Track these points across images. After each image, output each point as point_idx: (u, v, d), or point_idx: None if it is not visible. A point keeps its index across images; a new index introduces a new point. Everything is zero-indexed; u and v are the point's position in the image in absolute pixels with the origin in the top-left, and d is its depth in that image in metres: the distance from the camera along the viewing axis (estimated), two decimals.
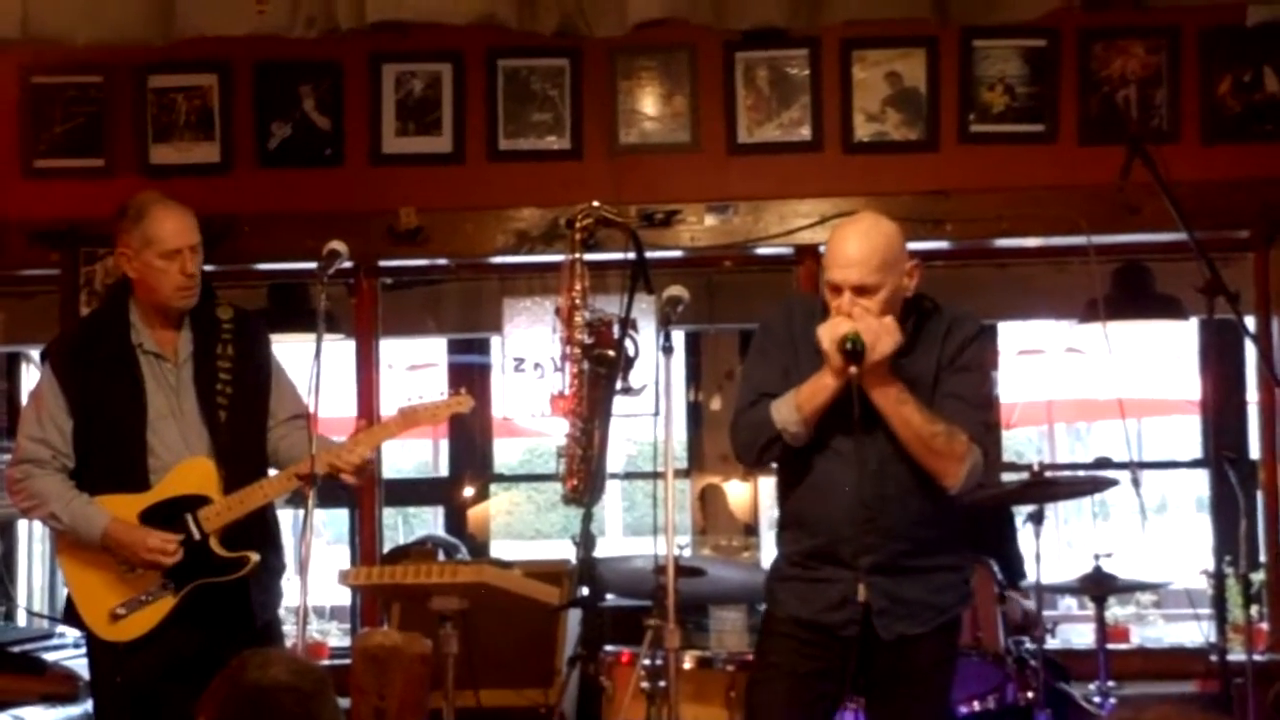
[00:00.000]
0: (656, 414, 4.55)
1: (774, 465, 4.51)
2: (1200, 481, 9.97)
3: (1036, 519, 5.78)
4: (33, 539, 8.08)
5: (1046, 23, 6.50)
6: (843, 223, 4.46)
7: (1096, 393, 11.65)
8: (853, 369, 4.08)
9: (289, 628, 5.18)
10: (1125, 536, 9.38)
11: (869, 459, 4.16)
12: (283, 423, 4.83)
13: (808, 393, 4.22)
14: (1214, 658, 5.89)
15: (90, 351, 4.79)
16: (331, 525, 10.37)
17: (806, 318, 4.36)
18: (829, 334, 4.15)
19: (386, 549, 7.15)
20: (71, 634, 5.92)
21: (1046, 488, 5.92)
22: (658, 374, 4.54)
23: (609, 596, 5.22)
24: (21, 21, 6.18)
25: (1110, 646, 6.04)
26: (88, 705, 5.49)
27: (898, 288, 4.24)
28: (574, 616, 5.88)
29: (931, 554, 4.32)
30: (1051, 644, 6.12)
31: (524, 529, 18.13)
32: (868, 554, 4.19)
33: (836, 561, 4.26)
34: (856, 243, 4.22)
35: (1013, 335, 10.15)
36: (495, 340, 7.73)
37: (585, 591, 4.66)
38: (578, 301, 4.89)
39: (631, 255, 4.82)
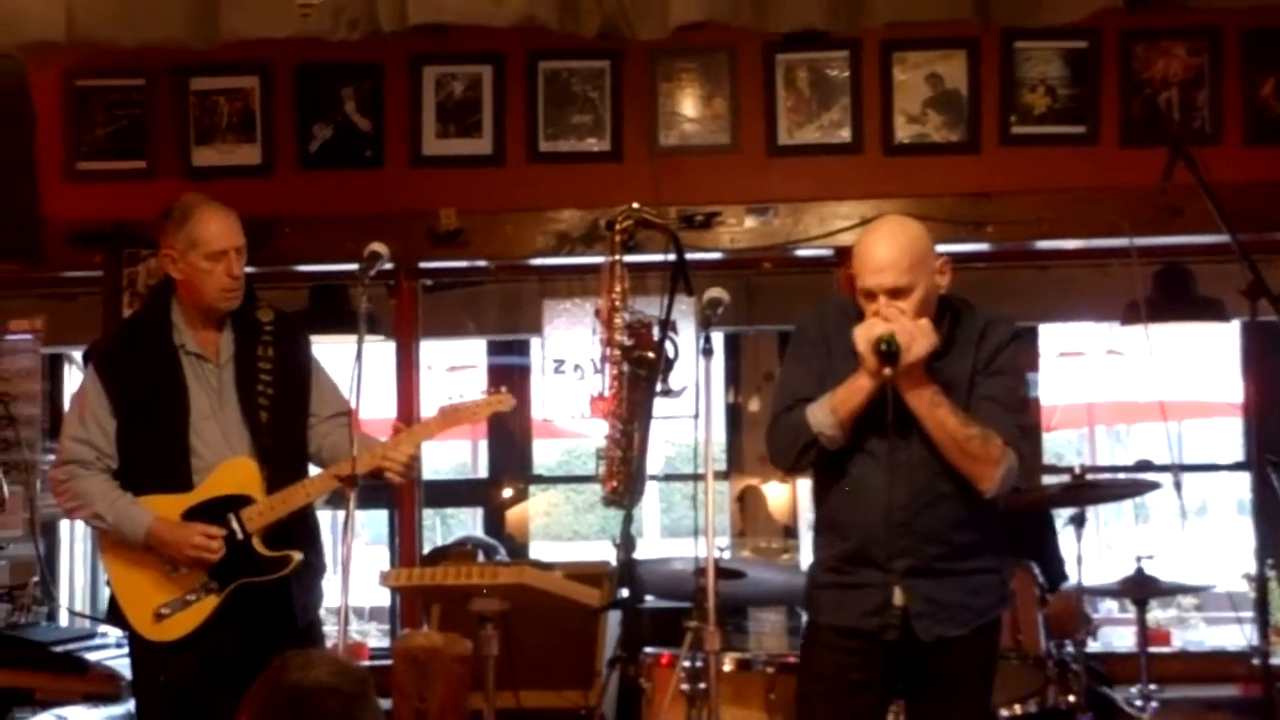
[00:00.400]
0: (696, 416, 4.54)
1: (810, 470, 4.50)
2: (1242, 484, 9.93)
3: (1078, 522, 5.76)
4: (75, 539, 8.12)
5: (1088, 24, 6.48)
6: (867, 229, 4.45)
7: (1137, 395, 11.59)
8: (888, 370, 4.07)
9: (330, 628, 5.19)
10: (1166, 539, 9.34)
11: (904, 462, 4.15)
12: (325, 420, 4.84)
13: (843, 395, 4.21)
14: (1256, 661, 5.86)
15: (133, 352, 4.80)
16: (370, 526, 10.39)
17: (840, 320, 4.35)
18: (864, 335, 4.14)
19: (425, 550, 7.17)
20: (113, 634, 5.94)
21: (1087, 490, 5.90)
22: (697, 376, 4.54)
23: (649, 598, 5.22)
24: (66, 25, 6.22)
25: (1151, 650, 6.03)
26: (130, 705, 5.51)
27: (931, 286, 4.23)
28: (614, 618, 5.89)
29: (967, 557, 4.30)
30: (1092, 647, 6.09)
31: (562, 530, 18.16)
32: (902, 557, 4.19)
33: (871, 565, 4.25)
34: (885, 246, 4.21)
35: (1053, 337, 10.11)
36: (535, 342, 7.74)
37: (625, 593, 4.65)
38: (617, 303, 4.89)
39: (671, 257, 4.82)
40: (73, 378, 8.01)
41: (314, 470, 4.84)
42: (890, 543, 4.17)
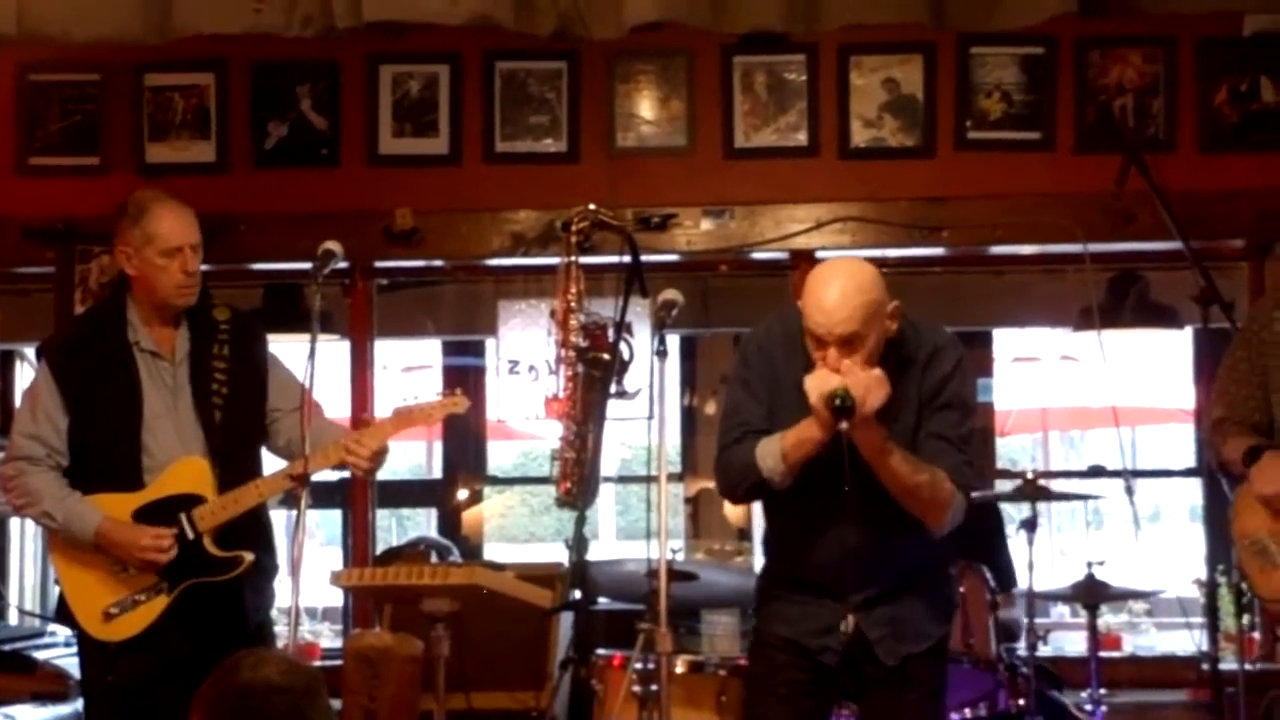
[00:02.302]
0: (650, 418, 4.53)
1: None
2: (1194, 490, 9.97)
3: (1029, 526, 5.77)
4: (25, 537, 8.07)
5: (1044, 30, 6.51)
6: (821, 271, 4.16)
7: (1091, 401, 11.65)
8: (843, 425, 3.92)
9: (281, 628, 5.17)
10: (1118, 545, 9.38)
11: (858, 502, 3.99)
12: (289, 413, 4.80)
13: (793, 441, 4.09)
14: (1206, 666, 5.89)
15: (87, 349, 4.77)
16: (324, 526, 10.36)
17: (787, 344, 4.24)
18: (816, 389, 3.97)
19: (379, 550, 7.15)
20: (63, 633, 5.91)
21: (1040, 493, 5.90)
22: (652, 378, 4.53)
23: (601, 600, 5.20)
24: (17, 18, 6.19)
25: (1102, 654, 6.04)
26: (78, 704, 5.48)
27: (883, 334, 4.08)
28: (566, 619, 5.88)
29: (921, 573, 4.30)
30: (1043, 651, 6.11)
31: (517, 532, 18.13)
32: (857, 591, 4.19)
33: (825, 595, 4.23)
34: (839, 297, 4.01)
35: (1007, 342, 10.14)
36: (490, 342, 7.72)
37: (578, 594, 4.64)
38: (573, 304, 4.88)
39: (627, 259, 4.81)
40: (24, 375, 7.95)
41: (279, 462, 4.82)
42: (846, 579, 4.14)
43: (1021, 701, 5.56)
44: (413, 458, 14.13)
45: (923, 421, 4.19)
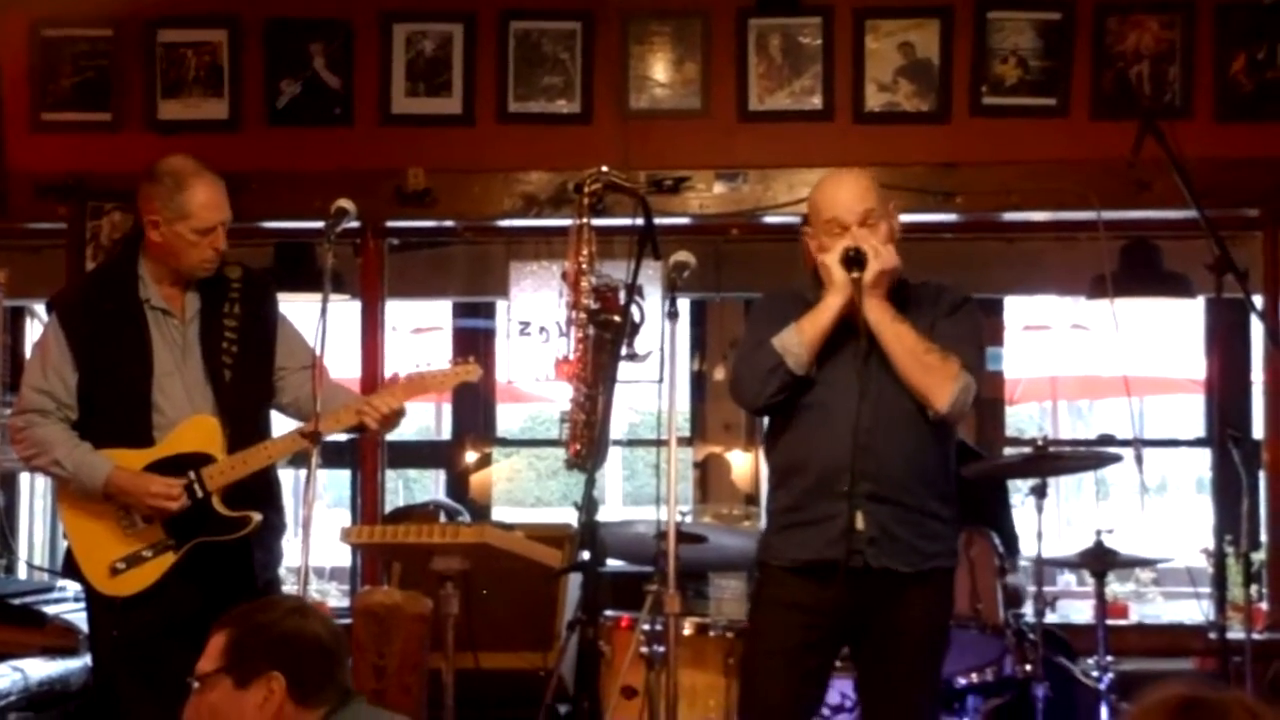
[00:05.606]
0: (660, 381, 4.53)
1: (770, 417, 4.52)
2: (1202, 460, 9.96)
3: (1038, 492, 5.77)
4: (34, 493, 8.07)
5: None
6: (822, 179, 4.58)
7: (1101, 369, 11.65)
8: (855, 274, 4.23)
9: (289, 587, 5.17)
10: (1126, 515, 9.39)
11: (869, 391, 4.22)
12: (296, 371, 4.79)
13: (810, 316, 4.32)
14: (1213, 635, 5.89)
15: (97, 305, 4.76)
16: (332, 488, 10.37)
17: (795, 296, 4.48)
18: (832, 254, 4.29)
19: (387, 511, 7.15)
20: (72, 588, 5.91)
21: (1049, 460, 5.91)
22: (663, 341, 4.52)
23: (610, 561, 5.20)
24: None
25: (1109, 622, 6.05)
26: (87, 658, 5.49)
27: (891, 227, 4.39)
28: (574, 580, 5.89)
29: (923, 496, 4.34)
30: (1050, 619, 6.12)
31: (525, 495, 18.14)
32: (864, 480, 4.23)
33: (832, 495, 4.27)
34: (848, 182, 4.43)
35: (1018, 310, 10.11)
36: (501, 304, 7.71)
37: (586, 555, 4.64)
38: (584, 266, 4.87)
39: (639, 221, 4.80)
40: (34, 331, 7.95)
41: (286, 421, 4.81)
42: (853, 465, 4.21)
43: (1028, 667, 5.57)
44: (421, 419, 14.12)
45: (934, 334, 4.35)
